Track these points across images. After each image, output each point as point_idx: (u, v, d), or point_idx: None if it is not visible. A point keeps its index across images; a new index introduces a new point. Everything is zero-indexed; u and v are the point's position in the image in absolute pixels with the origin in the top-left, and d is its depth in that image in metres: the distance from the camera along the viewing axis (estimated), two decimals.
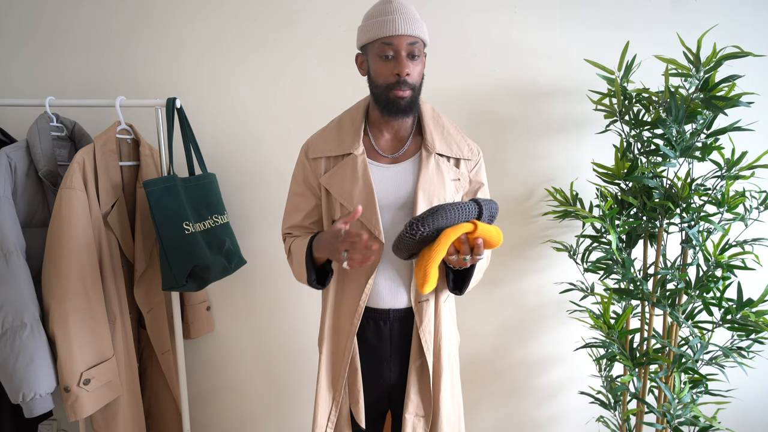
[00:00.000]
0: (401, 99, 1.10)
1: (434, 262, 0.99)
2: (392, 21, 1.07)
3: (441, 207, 0.96)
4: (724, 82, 1.24)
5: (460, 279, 1.17)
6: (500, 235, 1.03)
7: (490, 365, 1.82)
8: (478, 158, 1.23)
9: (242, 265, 1.61)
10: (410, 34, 1.07)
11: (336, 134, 1.21)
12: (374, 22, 1.09)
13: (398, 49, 1.08)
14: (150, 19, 1.74)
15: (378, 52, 1.10)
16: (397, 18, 1.07)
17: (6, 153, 1.40)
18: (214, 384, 1.91)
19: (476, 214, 1.01)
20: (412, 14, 1.09)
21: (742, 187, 1.57)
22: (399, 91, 1.09)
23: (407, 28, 1.07)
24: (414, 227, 0.96)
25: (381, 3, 1.12)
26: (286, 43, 1.72)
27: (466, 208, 0.99)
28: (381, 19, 1.08)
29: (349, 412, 1.22)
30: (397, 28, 1.06)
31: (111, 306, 1.45)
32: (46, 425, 1.88)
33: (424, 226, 0.96)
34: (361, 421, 1.20)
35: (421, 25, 1.10)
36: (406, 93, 1.10)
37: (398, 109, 1.12)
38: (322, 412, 1.20)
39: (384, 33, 1.07)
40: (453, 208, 0.97)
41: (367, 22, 1.11)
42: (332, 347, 1.23)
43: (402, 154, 1.19)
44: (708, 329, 1.41)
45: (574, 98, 1.66)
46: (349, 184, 1.15)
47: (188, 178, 1.54)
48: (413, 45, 1.08)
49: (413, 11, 1.10)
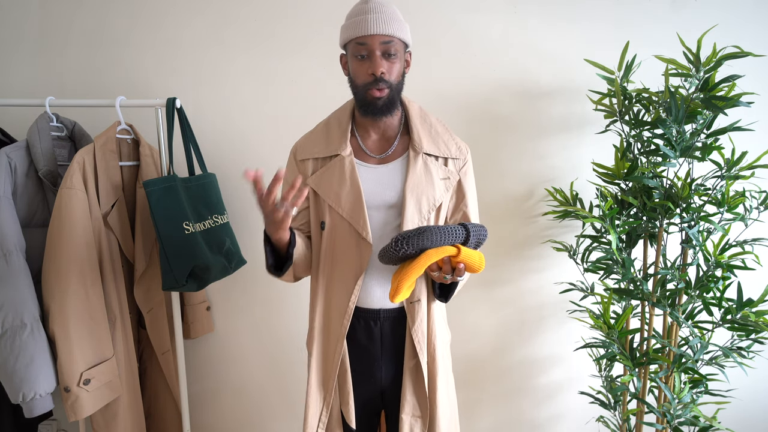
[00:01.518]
0: (378, 99, 1.10)
1: (408, 279, 1.01)
2: (365, 21, 1.07)
3: (428, 229, 0.98)
4: (724, 82, 1.24)
5: (445, 288, 1.19)
6: (482, 261, 1.06)
7: (490, 365, 1.82)
8: (467, 157, 1.23)
9: (242, 265, 1.61)
10: (383, 33, 1.07)
11: (324, 136, 1.21)
12: (350, 22, 1.09)
13: (372, 48, 1.07)
14: (150, 19, 1.74)
15: (353, 52, 1.10)
16: (370, 17, 1.06)
17: (6, 153, 1.40)
18: (214, 384, 1.91)
19: (463, 238, 1.02)
20: (388, 13, 1.08)
21: (742, 187, 1.57)
22: (375, 90, 1.09)
23: (380, 28, 1.06)
24: (398, 245, 0.98)
25: (359, 3, 1.12)
26: (287, 43, 1.72)
27: (453, 232, 1.01)
28: (356, 19, 1.08)
29: (340, 412, 1.22)
30: (369, 28, 1.06)
31: (111, 306, 1.45)
32: (46, 425, 1.88)
33: (408, 245, 0.98)
34: (352, 422, 1.20)
35: (399, 24, 1.09)
36: (383, 93, 1.10)
37: (375, 108, 1.12)
38: (313, 413, 1.20)
39: (357, 33, 1.07)
40: (440, 231, 0.99)
41: (346, 22, 1.11)
42: (322, 348, 1.22)
43: (390, 154, 1.19)
44: (708, 329, 1.41)
45: (574, 98, 1.66)
46: (336, 185, 1.15)
47: (188, 178, 1.54)
48: (388, 44, 1.08)
49: (391, 10, 1.09)
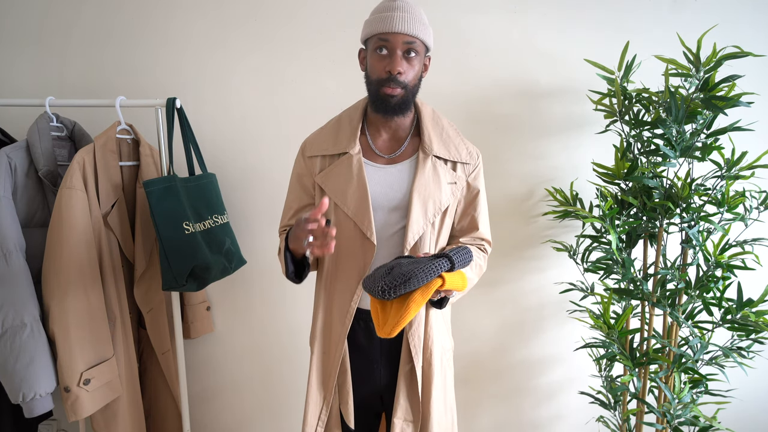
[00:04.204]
0: (391, 97, 1.09)
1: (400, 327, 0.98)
2: (391, 18, 1.06)
3: (414, 275, 0.95)
4: (724, 82, 1.24)
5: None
6: (465, 282, 1.06)
7: (490, 365, 1.82)
8: (477, 162, 1.22)
9: (242, 265, 1.61)
10: (408, 33, 1.06)
11: (333, 133, 1.21)
12: (376, 17, 1.09)
13: (393, 46, 1.07)
14: (150, 19, 1.74)
15: (374, 46, 1.09)
16: (397, 15, 1.06)
17: (6, 153, 1.40)
18: (214, 384, 1.91)
19: (447, 269, 1.01)
20: (415, 14, 1.08)
21: (742, 187, 1.57)
22: (388, 88, 1.08)
23: (405, 27, 1.06)
24: (386, 294, 0.95)
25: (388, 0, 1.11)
26: (287, 43, 1.72)
27: (438, 268, 0.99)
28: (382, 15, 1.08)
29: (339, 412, 1.22)
30: (395, 26, 1.05)
31: (111, 306, 1.45)
32: (46, 425, 1.88)
33: (396, 293, 0.95)
34: (351, 422, 1.20)
35: (424, 27, 1.09)
36: (396, 91, 1.09)
37: (387, 106, 1.11)
38: (313, 412, 1.20)
39: (382, 29, 1.06)
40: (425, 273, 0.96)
41: (371, 17, 1.11)
42: (323, 347, 1.22)
43: (399, 155, 1.18)
44: (708, 329, 1.41)
45: (574, 98, 1.66)
46: (343, 183, 1.15)
47: (188, 178, 1.54)
48: (410, 44, 1.07)
49: (417, 12, 1.09)
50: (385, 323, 0.99)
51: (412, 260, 1.02)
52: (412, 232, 1.13)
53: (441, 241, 1.20)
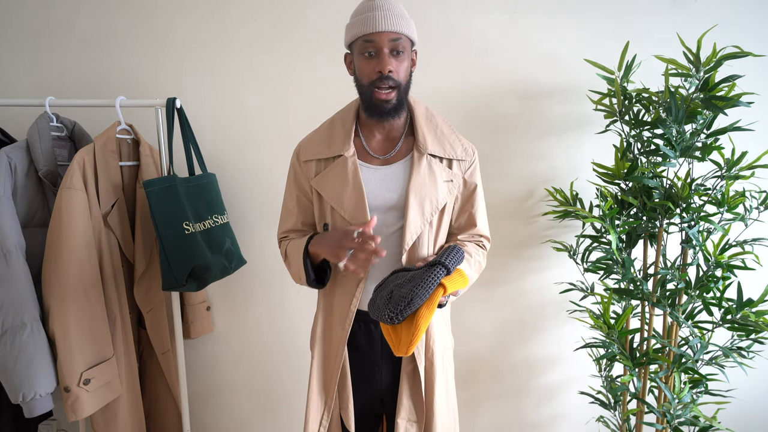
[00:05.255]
0: (386, 102, 1.09)
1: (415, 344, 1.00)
2: (372, 18, 1.06)
3: (415, 294, 0.97)
4: (724, 82, 1.24)
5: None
6: (466, 280, 1.07)
7: (490, 365, 1.82)
8: (473, 158, 1.21)
9: (242, 265, 1.61)
10: (392, 30, 1.06)
11: (327, 136, 1.20)
12: (357, 20, 1.08)
13: (380, 45, 1.06)
14: (150, 19, 1.74)
15: (360, 50, 1.09)
16: (378, 14, 1.05)
17: (6, 153, 1.40)
18: (214, 384, 1.91)
19: (444, 274, 1.02)
20: (395, 10, 1.07)
21: (742, 187, 1.57)
22: (383, 90, 1.08)
23: (388, 25, 1.05)
24: (393, 320, 0.98)
25: (365, 1, 1.10)
26: (287, 43, 1.72)
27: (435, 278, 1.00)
28: (363, 16, 1.07)
29: (339, 416, 1.22)
30: (377, 25, 1.05)
31: (111, 306, 1.45)
32: (46, 425, 1.88)
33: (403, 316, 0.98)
34: (351, 426, 1.20)
35: (406, 22, 1.09)
36: (390, 95, 1.08)
37: (383, 111, 1.11)
38: (314, 417, 1.20)
39: (365, 30, 1.06)
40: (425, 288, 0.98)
41: (352, 20, 1.10)
42: (324, 352, 1.22)
43: (393, 155, 1.18)
44: (708, 329, 1.41)
45: (574, 98, 1.66)
46: (339, 186, 1.14)
47: (188, 178, 1.54)
48: (396, 41, 1.07)
49: (397, 8, 1.09)
50: (399, 343, 1.01)
51: (408, 277, 1.02)
52: (410, 231, 1.13)
53: (440, 240, 1.20)
